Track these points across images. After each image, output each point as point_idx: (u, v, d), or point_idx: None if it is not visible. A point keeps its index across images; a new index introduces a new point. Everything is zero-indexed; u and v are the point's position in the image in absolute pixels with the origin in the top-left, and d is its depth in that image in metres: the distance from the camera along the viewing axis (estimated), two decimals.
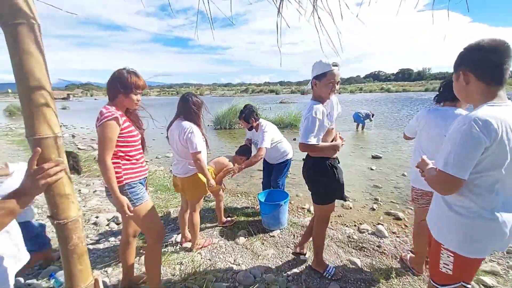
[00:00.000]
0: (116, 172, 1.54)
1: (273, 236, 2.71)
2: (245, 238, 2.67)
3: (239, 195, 3.94)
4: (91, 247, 2.48)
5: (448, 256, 1.13)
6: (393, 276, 2.08)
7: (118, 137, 1.53)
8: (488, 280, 1.99)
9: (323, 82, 1.77)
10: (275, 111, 12.65)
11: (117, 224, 2.92)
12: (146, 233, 1.74)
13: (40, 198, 2.74)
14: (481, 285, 1.97)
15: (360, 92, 53.34)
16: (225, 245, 2.57)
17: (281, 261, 2.33)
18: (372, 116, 9.61)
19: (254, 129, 2.97)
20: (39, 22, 0.82)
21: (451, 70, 1.18)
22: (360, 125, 9.53)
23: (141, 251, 2.36)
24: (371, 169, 5.15)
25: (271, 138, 2.84)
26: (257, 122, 2.91)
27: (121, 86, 1.55)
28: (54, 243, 2.19)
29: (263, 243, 2.60)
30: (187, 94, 2.31)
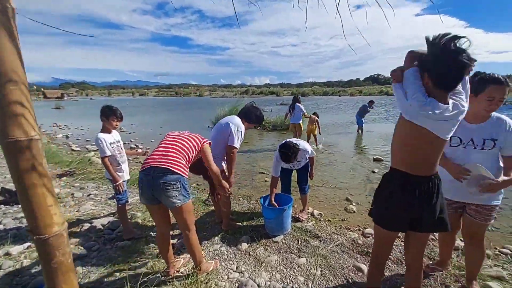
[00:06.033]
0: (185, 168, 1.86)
1: (277, 242, 2.59)
2: (247, 244, 2.55)
3: (241, 198, 3.82)
4: (84, 255, 2.35)
5: None
6: (399, 281, 2.01)
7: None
8: (495, 285, 1.93)
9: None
10: (275, 113, 12.56)
11: (113, 230, 2.79)
12: (189, 225, 1.88)
13: None
14: None
15: (360, 95, 53.63)
16: (227, 251, 2.45)
17: (285, 268, 2.21)
18: (372, 103, 9.49)
19: None
20: (13, 6, 0.71)
21: None
22: (360, 127, 9.44)
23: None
24: (373, 172, 5.05)
25: None
26: None
27: None
28: None
29: (266, 249, 2.48)
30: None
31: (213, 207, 3.29)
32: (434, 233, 2.73)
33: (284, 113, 11.42)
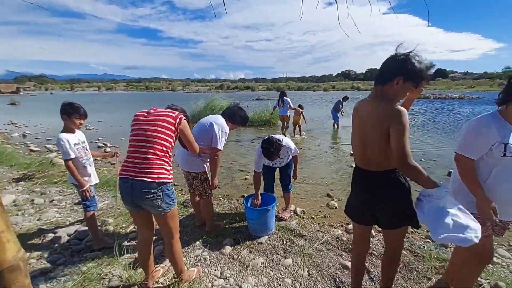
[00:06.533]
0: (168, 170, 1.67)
1: (261, 243, 2.53)
2: (231, 247, 2.45)
3: (221, 198, 3.70)
4: (47, 270, 2.09)
5: None
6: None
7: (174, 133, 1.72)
8: None
9: None
10: (252, 108, 12.48)
11: (81, 240, 2.52)
12: (173, 232, 1.76)
13: None
14: None
15: (333, 90, 55.67)
16: (209, 256, 2.33)
17: (272, 271, 2.16)
18: (347, 99, 9.87)
19: None
20: None
21: None
22: (336, 122, 9.73)
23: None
24: (351, 166, 5.20)
25: None
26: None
27: None
28: None
29: (251, 252, 2.41)
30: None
31: (192, 209, 3.13)
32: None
33: (259, 109, 11.66)
